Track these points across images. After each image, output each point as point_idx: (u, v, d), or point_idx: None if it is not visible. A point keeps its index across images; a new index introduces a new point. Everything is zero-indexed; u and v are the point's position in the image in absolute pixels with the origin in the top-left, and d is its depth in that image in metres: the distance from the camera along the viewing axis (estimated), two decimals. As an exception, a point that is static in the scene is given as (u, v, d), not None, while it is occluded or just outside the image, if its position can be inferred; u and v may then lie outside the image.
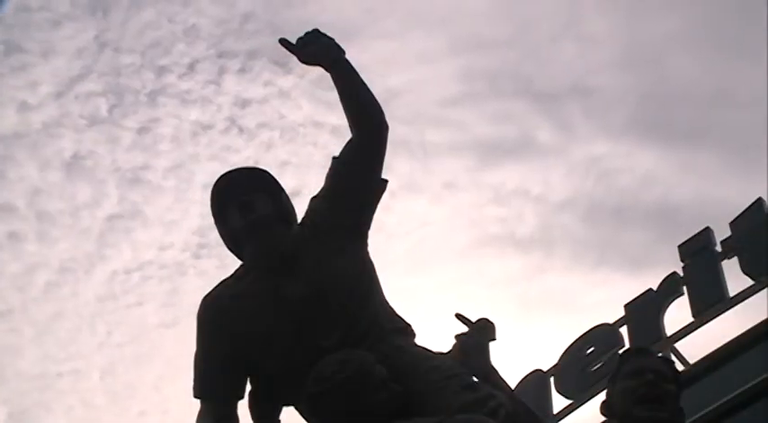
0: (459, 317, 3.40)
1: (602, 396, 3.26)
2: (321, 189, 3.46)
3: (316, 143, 20.53)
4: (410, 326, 3.40)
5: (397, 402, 3.05)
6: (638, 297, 12.29)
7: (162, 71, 19.96)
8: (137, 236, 20.67)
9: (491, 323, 3.39)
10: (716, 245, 11.94)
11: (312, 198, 3.48)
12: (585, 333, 12.43)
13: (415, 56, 22.91)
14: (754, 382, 10.00)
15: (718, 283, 11.50)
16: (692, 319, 11.52)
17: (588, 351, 12.19)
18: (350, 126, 3.39)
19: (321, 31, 3.36)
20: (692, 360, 11.19)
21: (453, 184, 22.20)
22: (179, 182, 20.65)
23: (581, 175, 21.85)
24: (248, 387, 3.37)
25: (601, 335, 12.25)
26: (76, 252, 20.66)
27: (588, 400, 11.61)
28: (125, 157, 19.80)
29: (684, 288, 11.86)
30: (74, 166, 19.79)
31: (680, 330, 11.56)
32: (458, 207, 22.48)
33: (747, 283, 11.23)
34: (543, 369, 12.45)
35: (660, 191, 22.32)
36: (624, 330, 12.10)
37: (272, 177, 3.45)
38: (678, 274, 12.06)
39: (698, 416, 9.62)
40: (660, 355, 3.63)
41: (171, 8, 21.05)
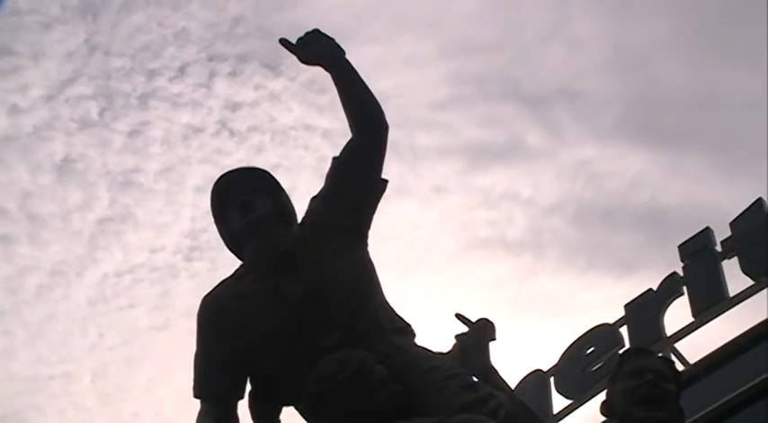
0: (459, 317, 3.39)
1: (602, 396, 3.26)
2: (321, 189, 3.46)
3: (307, 146, 20.57)
4: (410, 326, 3.40)
5: (397, 402, 3.05)
6: (638, 297, 12.29)
7: (152, 74, 19.96)
8: (128, 239, 20.70)
9: (491, 323, 3.39)
10: (716, 245, 11.95)
11: (312, 198, 3.48)
12: (585, 333, 12.44)
13: (403, 60, 22.86)
14: (754, 382, 10.01)
15: (718, 283, 11.50)
16: (691, 320, 11.53)
17: (588, 351, 12.19)
18: (350, 126, 3.39)
19: (321, 32, 3.36)
20: (692, 360, 11.21)
21: (443, 188, 22.19)
22: (170, 185, 20.64)
23: (570, 178, 21.89)
24: (248, 387, 3.37)
25: (601, 335, 12.25)
26: (68, 255, 20.68)
27: (588, 400, 11.62)
28: (116, 160, 19.82)
29: (684, 288, 11.87)
30: (65, 169, 19.80)
31: (680, 330, 11.58)
32: (448, 210, 22.52)
33: (747, 283, 11.24)
34: (543, 369, 12.45)
35: (649, 194, 22.37)
36: (624, 330, 12.12)
37: (272, 177, 3.46)
38: (678, 274, 12.06)
39: (698, 416, 9.63)
40: (660, 355, 3.63)
41: (161, 12, 21.00)
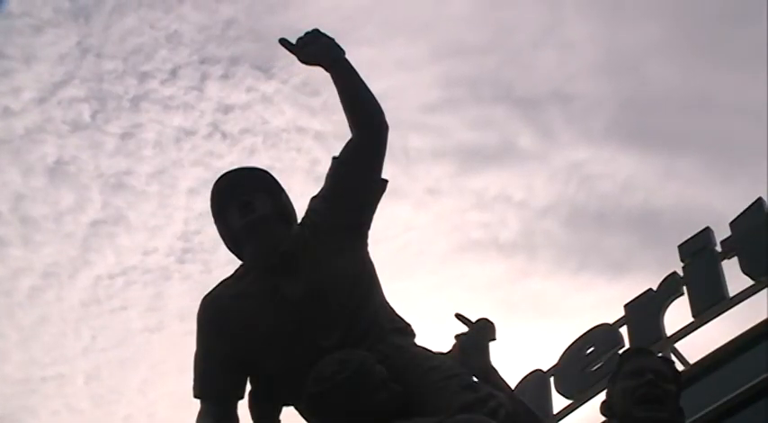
0: (459, 317, 3.39)
1: (602, 396, 3.26)
2: (321, 189, 3.45)
3: (299, 148, 20.58)
4: (410, 326, 3.39)
5: (397, 402, 3.05)
6: (637, 297, 12.29)
7: (144, 77, 19.96)
8: (120, 241, 20.71)
9: (491, 323, 3.39)
10: (716, 245, 11.94)
11: (312, 198, 3.47)
12: (585, 333, 12.43)
13: (395, 62, 22.82)
14: (754, 382, 10.00)
15: (718, 283, 11.50)
16: (691, 319, 11.52)
17: (588, 351, 12.19)
18: (350, 126, 3.38)
19: (321, 31, 3.35)
20: (692, 360, 11.20)
21: (436, 190, 22.17)
22: (162, 187, 20.65)
23: (563, 180, 21.87)
24: (248, 387, 3.36)
25: (601, 335, 12.25)
26: (60, 257, 20.70)
27: (588, 400, 11.61)
28: (108, 162, 19.83)
29: (684, 288, 11.86)
30: (57, 171, 19.82)
31: (680, 330, 11.57)
32: (440, 212, 22.52)
33: (747, 283, 11.24)
34: (543, 369, 12.44)
35: (641, 196, 22.36)
36: (624, 330, 12.11)
37: (272, 177, 3.46)
38: (678, 274, 12.06)
39: (698, 416, 9.63)
40: (660, 355, 3.62)
41: (153, 14, 20.99)
